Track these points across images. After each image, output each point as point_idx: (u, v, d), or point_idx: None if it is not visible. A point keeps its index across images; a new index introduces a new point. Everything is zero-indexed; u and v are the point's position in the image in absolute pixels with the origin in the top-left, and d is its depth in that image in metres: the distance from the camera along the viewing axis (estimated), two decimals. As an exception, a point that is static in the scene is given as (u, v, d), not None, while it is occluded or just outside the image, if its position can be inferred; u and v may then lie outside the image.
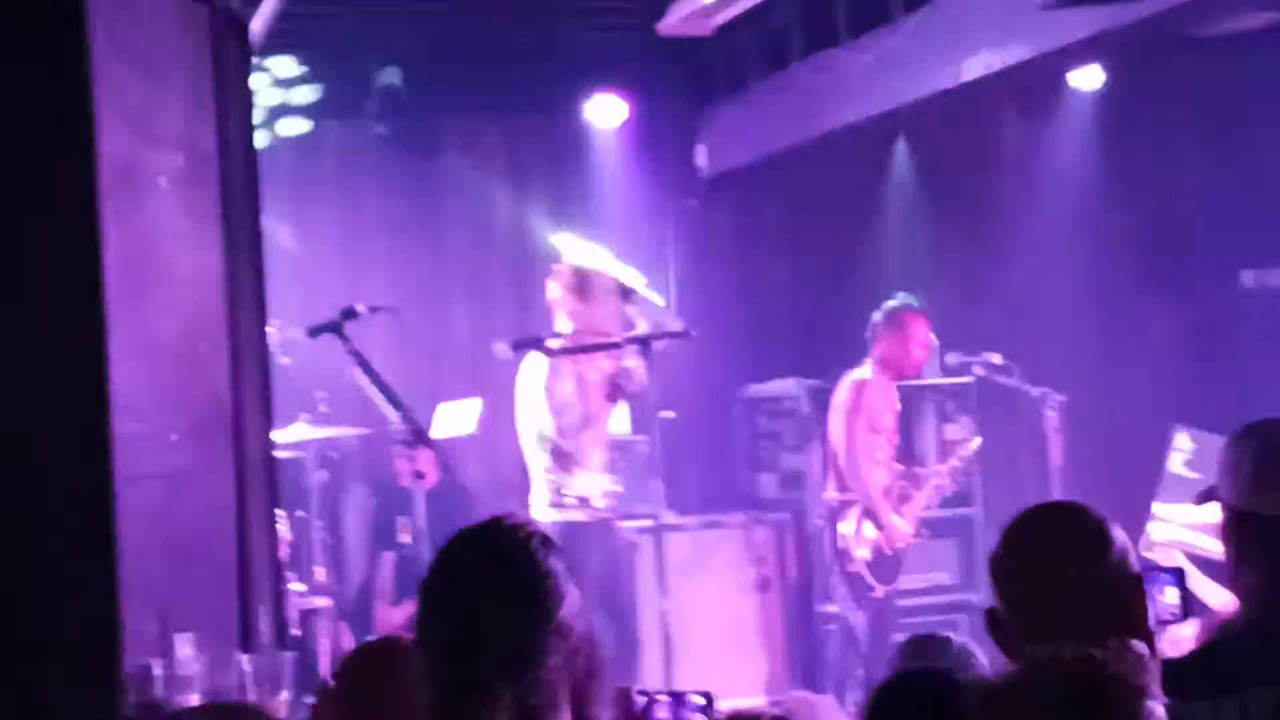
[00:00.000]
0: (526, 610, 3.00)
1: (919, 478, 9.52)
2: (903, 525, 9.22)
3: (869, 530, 9.12)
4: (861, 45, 9.52)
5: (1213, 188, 11.30)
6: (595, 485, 8.42)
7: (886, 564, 9.18)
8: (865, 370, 9.29)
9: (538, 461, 8.44)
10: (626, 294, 8.52)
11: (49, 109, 4.93)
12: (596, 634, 3.13)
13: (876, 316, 9.32)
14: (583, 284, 8.47)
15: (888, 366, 9.30)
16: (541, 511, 8.35)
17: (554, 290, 8.55)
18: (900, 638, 4.35)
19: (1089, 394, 10.19)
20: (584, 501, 8.39)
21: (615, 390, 8.39)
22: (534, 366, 8.43)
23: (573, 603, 3.06)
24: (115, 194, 5.01)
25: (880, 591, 9.13)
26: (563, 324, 8.50)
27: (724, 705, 3.47)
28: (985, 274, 11.10)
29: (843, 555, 9.17)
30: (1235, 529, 3.93)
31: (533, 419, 8.44)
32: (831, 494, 9.28)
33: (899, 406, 9.47)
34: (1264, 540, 3.87)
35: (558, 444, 8.37)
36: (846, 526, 9.13)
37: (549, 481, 8.42)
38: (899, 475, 9.40)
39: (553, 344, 8.38)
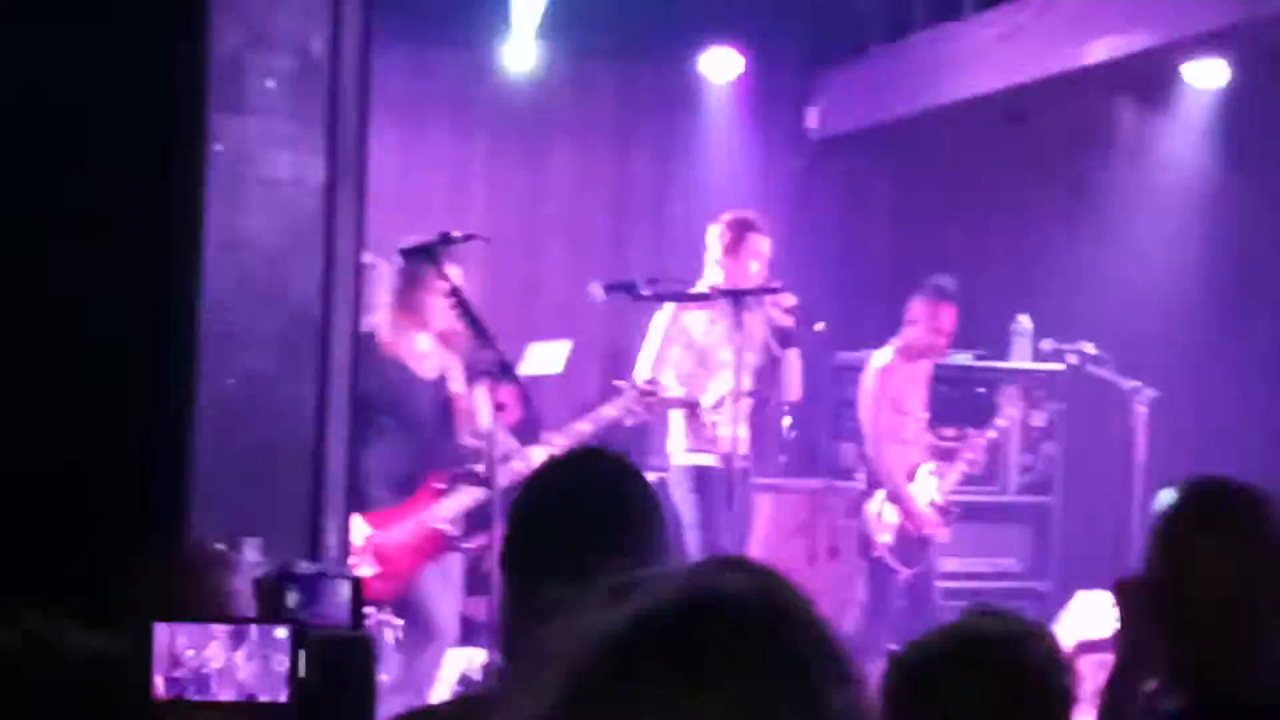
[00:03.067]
0: (622, 539, 2.91)
1: (953, 453, 9.43)
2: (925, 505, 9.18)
3: (890, 514, 9.07)
4: (985, 20, 9.40)
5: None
6: (726, 432, 8.33)
7: (911, 547, 9.11)
8: (887, 353, 9.25)
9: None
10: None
11: (163, 4, 4.91)
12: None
13: (916, 296, 9.29)
14: (738, 238, 8.47)
15: (913, 348, 9.25)
16: (676, 454, 8.42)
17: (711, 236, 8.54)
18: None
19: (1182, 393, 10.06)
20: (715, 447, 8.35)
21: (780, 334, 8.39)
22: (670, 310, 8.43)
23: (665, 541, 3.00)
24: (222, 93, 4.99)
25: (906, 575, 9.07)
26: (711, 271, 8.48)
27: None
28: (1088, 262, 10.97)
29: (864, 540, 9.15)
30: None
31: (672, 362, 8.42)
32: (860, 478, 9.34)
33: (927, 383, 9.40)
34: None
35: (693, 389, 8.36)
36: (870, 510, 9.11)
37: (683, 425, 8.43)
38: (935, 452, 9.35)
39: (645, 290, 8.32)
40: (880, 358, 9.26)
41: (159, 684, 2.74)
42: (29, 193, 4.75)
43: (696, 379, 8.38)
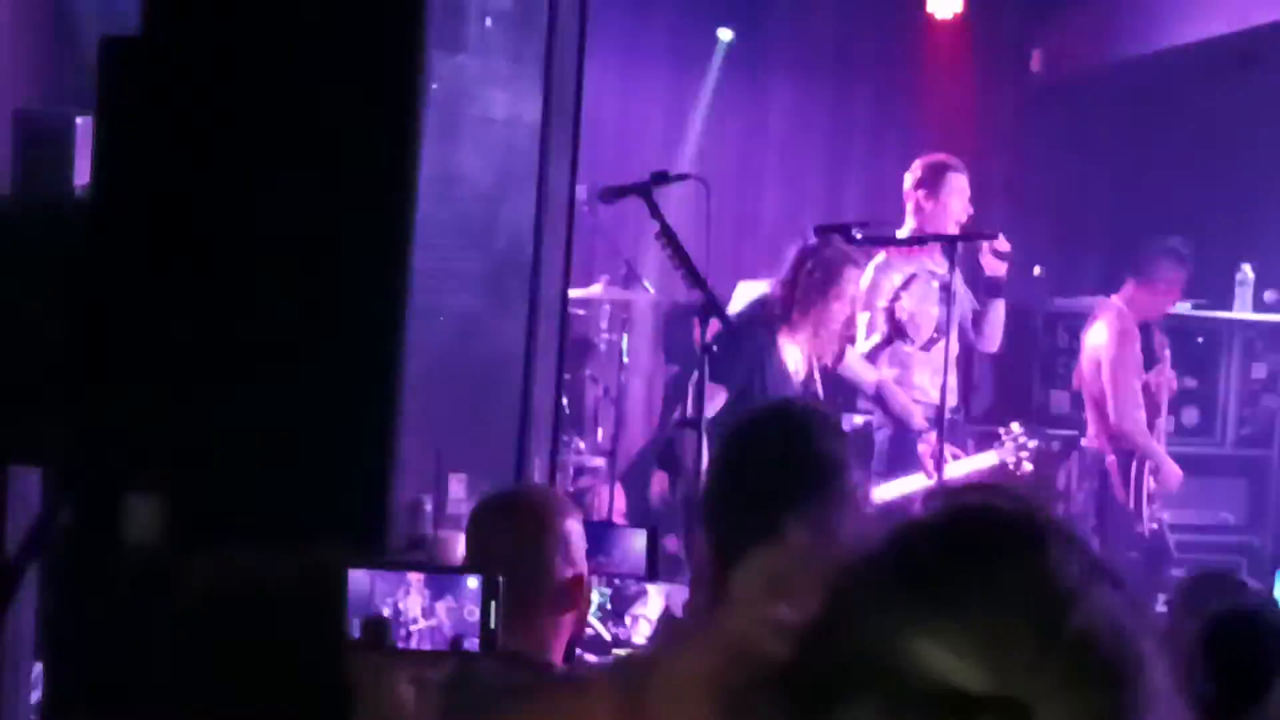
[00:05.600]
0: (812, 490, 2.96)
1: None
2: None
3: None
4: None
5: None
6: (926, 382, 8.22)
7: (1151, 501, 9.06)
8: (1121, 313, 9.03)
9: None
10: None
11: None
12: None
13: (1148, 255, 9.08)
14: (935, 179, 8.28)
15: (1134, 307, 9.05)
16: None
17: (907, 182, 8.35)
18: (1179, 571, 4.23)
19: None
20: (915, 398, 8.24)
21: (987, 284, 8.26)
22: (870, 275, 8.29)
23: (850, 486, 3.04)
24: (440, 28, 5.01)
25: (1146, 530, 9.01)
26: (911, 219, 8.30)
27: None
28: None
29: (1139, 501, 9.02)
30: None
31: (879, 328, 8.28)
32: (1091, 439, 9.17)
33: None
34: None
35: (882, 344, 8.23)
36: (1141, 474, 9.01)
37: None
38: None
39: (859, 234, 8.21)
40: (1115, 321, 9.03)
41: (355, 628, 2.78)
42: (248, 129, 4.80)
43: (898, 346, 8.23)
